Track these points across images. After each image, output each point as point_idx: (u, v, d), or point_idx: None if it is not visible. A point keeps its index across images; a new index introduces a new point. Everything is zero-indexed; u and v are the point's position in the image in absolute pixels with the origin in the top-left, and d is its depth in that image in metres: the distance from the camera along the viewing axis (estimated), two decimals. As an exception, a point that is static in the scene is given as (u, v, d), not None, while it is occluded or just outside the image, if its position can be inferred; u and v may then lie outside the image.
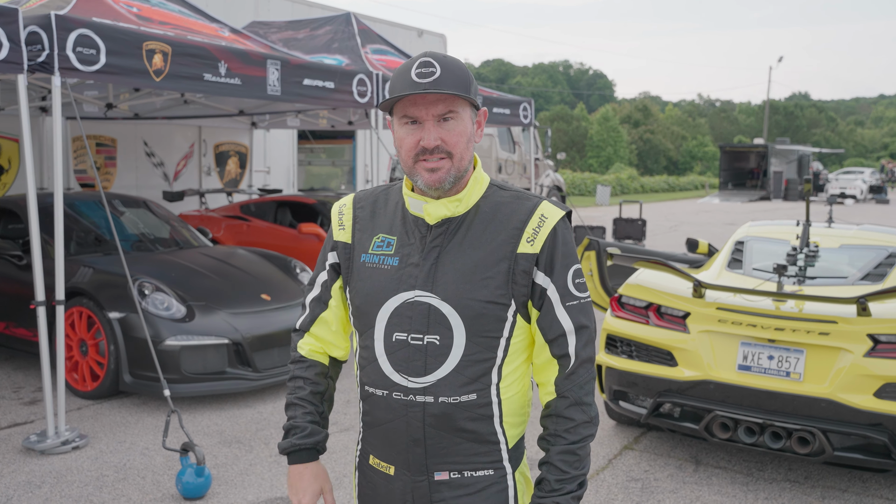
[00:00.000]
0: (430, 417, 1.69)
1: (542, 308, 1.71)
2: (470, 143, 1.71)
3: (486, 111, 1.79)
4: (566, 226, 1.73)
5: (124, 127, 10.43)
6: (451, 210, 1.71)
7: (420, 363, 1.68)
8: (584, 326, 1.71)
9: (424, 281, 1.69)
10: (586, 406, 1.70)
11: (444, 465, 1.72)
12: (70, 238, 6.18)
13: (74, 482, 4.18)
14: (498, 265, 1.68)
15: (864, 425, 3.80)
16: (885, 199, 33.87)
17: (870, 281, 4.56)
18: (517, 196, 1.75)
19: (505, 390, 1.72)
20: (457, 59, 1.70)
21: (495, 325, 1.69)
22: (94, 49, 4.63)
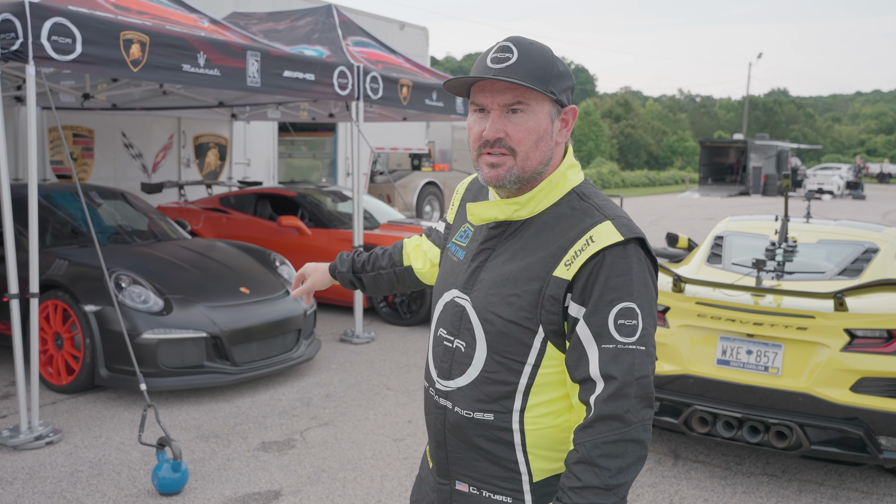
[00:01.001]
0: (449, 424, 1.63)
1: (571, 342, 1.51)
2: (542, 142, 1.54)
3: (574, 109, 1.59)
4: (624, 254, 1.49)
5: (102, 118, 10.30)
6: (507, 213, 1.59)
7: (447, 366, 1.63)
8: (612, 377, 1.45)
9: (465, 282, 1.62)
10: (600, 469, 1.44)
11: (464, 477, 1.65)
12: (45, 230, 6.09)
13: (48, 478, 4.12)
14: (529, 284, 1.53)
15: (841, 419, 3.83)
16: (861, 195, 34.25)
17: (847, 276, 4.59)
18: (586, 210, 1.55)
19: (532, 421, 1.56)
20: (545, 47, 1.55)
21: (518, 349, 1.54)
22: (69, 38, 4.55)
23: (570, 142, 1.67)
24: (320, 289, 2.14)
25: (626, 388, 1.46)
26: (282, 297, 6.06)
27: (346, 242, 7.99)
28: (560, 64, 1.56)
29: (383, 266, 2.08)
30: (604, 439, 1.45)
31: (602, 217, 1.53)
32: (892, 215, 24.57)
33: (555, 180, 1.59)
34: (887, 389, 3.79)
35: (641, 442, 1.46)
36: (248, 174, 12.36)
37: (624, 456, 1.45)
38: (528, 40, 1.54)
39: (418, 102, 7.84)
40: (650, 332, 1.50)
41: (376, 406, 5.42)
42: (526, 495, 1.60)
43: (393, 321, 7.94)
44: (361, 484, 4.16)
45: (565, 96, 1.57)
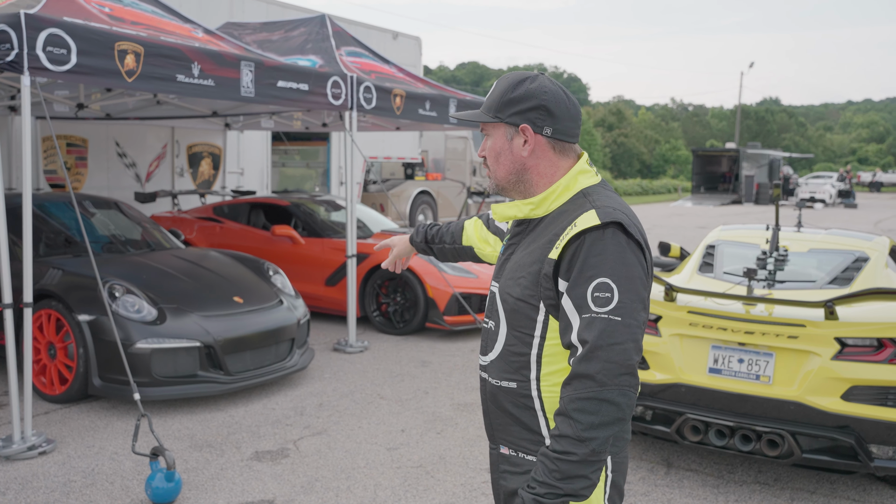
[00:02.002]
0: (487, 393, 1.93)
1: (560, 314, 1.74)
2: (502, 157, 1.88)
3: (525, 126, 1.84)
4: (602, 236, 1.70)
5: (96, 127, 10.30)
6: (524, 212, 1.88)
7: (485, 343, 1.94)
8: (585, 341, 1.67)
9: (497, 272, 1.94)
10: (574, 422, 1.65)
11: (504, 441, 1.91)
12: (39, 239, 6.09)
13: (40, 488, 4.11)
14: (531, 266, 1.80)
15: (832, 427, 3.86)
16: (853, 204, 34.42)
17: (837, 285, 4.63)
18: (582, 205, 1.80)
19: (548, 389, 1.81)
20: (512, 77, 1.86)
21: (526, 323, 1.80)
22: (64, 49, 4.57)
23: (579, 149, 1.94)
24: (405, 256, 2.56)
25: (597, 350, 1.66)
26: (275, 307, 6.07)
27: (340, 252, 8.00)
28: (517, 90, 1.84)
29: (447, 242, 2.44)
30: (578, 395, 1.66)
31: (589, 207, 1.77)
32: (883, 223, 24.70)
33: (565, 183, 1.85)
34: (878, 398, 3.82)
35: (617, 404, 1.65)
36: (242, 183, 12.37)
37: (597, 413, 1.65)
38: (506, 75, 1.88)
39: (411, 112, 7.88)
40: (629, 305, 1.68)
41: (370, 415, 5.43)
42: None
43: (386, 330, 7.95)
44: (355, 493, 4.16)
45: (519, 117, 1.84)
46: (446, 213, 17.18)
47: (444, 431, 5.14)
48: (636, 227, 1.76)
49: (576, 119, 1.87)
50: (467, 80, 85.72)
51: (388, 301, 7.99)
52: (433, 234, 2.48)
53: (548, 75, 1.90)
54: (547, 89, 1.83)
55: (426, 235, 2.49)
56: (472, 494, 4.19)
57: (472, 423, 5.31)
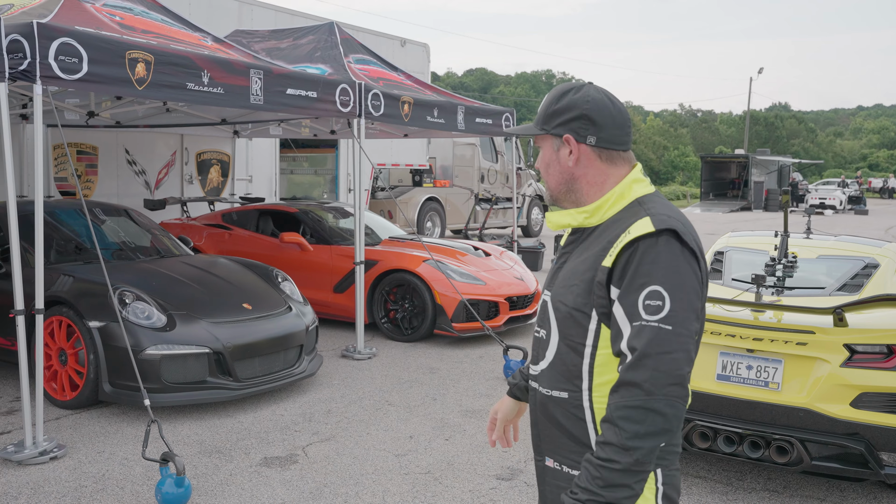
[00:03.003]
0: (538, 404, 1.90)
1: (612, 321, 1.72)
2: (551, 169, 1.90)
3: (568, 137, 1.86)
4: (655, 243, 1.69)
5: (106, 135, 10.37)
6: (579, 220, 1.87)
7: (535, 353, 1.92)
8: (634, 349, 1.64)
9: (550, 280, 1.93)
10: (618, 429, 1.62)
11: (551, 454, 1.89)
12: (50, 246, 6.14)
13: (52, 493, 4.14)
14: (585, 274, 1.78)
15: (841, 434, 3.84)
16: (864, 210, 34.26)
17: (846, 291, 4.62)
18: (634, 213, 1.78)
19: (599, 399, 1.76)
20: (558, 89, 1.88)
21: (578, 332, 1.78)
22: (76, 58, 4.61)
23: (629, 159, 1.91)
24: (512, 418, 2.24)
25: (645, 359, 1.63)
26: (283, 313, 6.09)
27: (348, 258, 8.03)
28: (561, 101, 1.87)
29: None
30: (624, 403, 1.64)
31: (644, 214, 1.75)
32: (894, 230, 24.58)
33: (619, 191, 1.85)
34: (888, 405, 3.81)
35: (663, 415, 1.62)
36: (250, 190, 12.41)
37: (643, 423, 1.62)
38: (558, 86, 1.90)
39: (419, 119, 7.90)
40: (681, 315, 1.65)
41: (378, 421, 5.44)
42: None
43: (394, 337, 7.96)
44: (363, 499, 4.17)
45: (562, 128, 1.86)
46: (454, 219, 17.20)
47: (453, 438, 5.14)
48: (691, 235, 1.74)
49: (622, 127, 1.86)
50: (475, 86, 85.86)
51: (396, 308, 8.01)
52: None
53: (595, 84, 1.89)
54: (590, 98, 1.84)
55: (523, 374, 2.23)
56: (481, 501, 4.19)
57: (480, 429, 5.31)
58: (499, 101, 71.40)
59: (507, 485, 4.41)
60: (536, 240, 16.35)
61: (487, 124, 9.17)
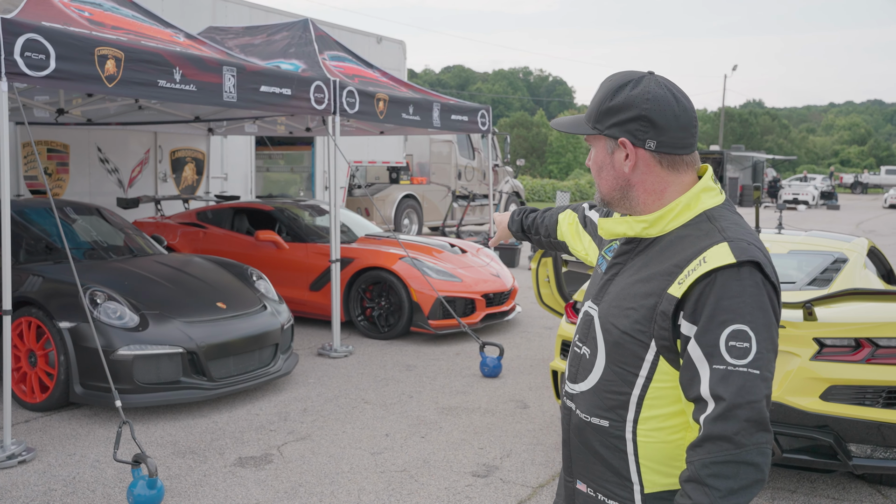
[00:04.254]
0: (572, 425, 1.75)
1: (684, 361, 1.54)
2: (603, 172, 1.69)
3: (624, 140, 1.65)
4: (737, 276, 1.50)
5: (77, 132, 10.24)
6: (637, 230, 1.67)
7: (574, 370, 1.75)
8: (721, 398, 1.46)
9: (597, 294, 1.74)
10: (709, 489, 1.45)
11: (583, 478, 1.74)
12: (19, 246, 6.05)
13: (20, 498, 4.08)
14: (647, 299, 1.59)
15: (811, 427, 3.89)
16: (835, 205, 34.72)
17: (816, 286, 4.67)
18: (709, 232, 1.59)
19: (645, 433, 1.61)
20: (611, 82, 1.66)
21: (632, 360, 1.61)
22: (43, 54, 4.54)
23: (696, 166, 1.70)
24: (505, 238, 2.54)
25: (735, 409, 1.46)
26: (258, 312, 6.05)
27: (324, 256, 7.99)
28: (617, 97, 1.64)
29: (542, 234, 2.36)
30: (713, 459, 1.46)
31: (721, 239, 1.55)
32: (865, 224, 24.94)
33: (685, 201, 1.63)
34: (856, 397, 3.86)
35: (756, 465, 1.46)
36: (226, 188, 12.32)
37: (735, 478, 1.45)
38: (608, 78, 1.68)
39: (395, 116, 7.88)
40: (766, 356, 1.49)
41: (354, 420, 5.42)
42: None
43: (371, 335, 7.94)
44: (339, 498, 4.16)
45: (618, 129, 1.64)
46: (431, 216, 17.19)
47: (429, 435, 5.14)
48: (771, 265, 1.56)
49: (687, 128, 1.63)
50: (453, 83, 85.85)
51: (372, 305, 7.99)
52: (528, 223, 2.42)
53: (657, 75, 1.67)
54: (651, 95, 1.61)
55: (522, 224, 2.44)
56: (457, 498, 4.19)
57: (456, 426, 5.32)
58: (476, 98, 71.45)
59: (482, 482, 4.42)
60: (513, 236, 16.37)
61: (463, 121, 9.17)
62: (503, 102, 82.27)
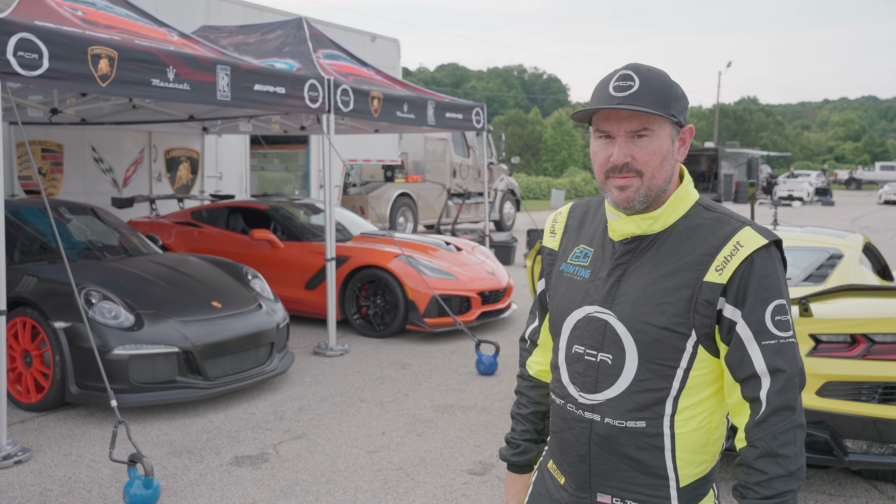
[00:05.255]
0: (595, 436, 1.67)
1: (731, 344, 1.58)
2: (666, 162, 1.62)
3: (692, 128, 1.68)
4: (769, 255, 1.58)
5: (71, 132, 10.21)
6: (643, 228, 1.66)
7: (591, 379, 1.67)
8: (780, 370, 1.55)
9: (605, 297, 1.67)
10: (782, 458, 1.53)
11: (607, 488, 1.69)
12: (13, 246, 6.03)
13: (16, 498, 4.07)
14: (680, 291, 1.59)
15: (807, 423, 3.89)
16: (830, 202, 34.83)
17: (812, 282, 4.68)
18: (719, 219, 1.64)
19: (681, 424, 1.63)
20: (662, 72, 1.63)
21: (671, 354, 1.60)
22: (36, 53, 4.52)
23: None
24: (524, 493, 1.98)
25: (793, 378, 1.56)
26: (254, 311, 6.04)
27: (319, 255, 7.98)
28: (678, 87, 1.64)
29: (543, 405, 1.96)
30: (780, 430, 1.54)
31: (740, 224, 1.62)
32: (860, 220, 25.01)
33: (681, 194, 1.67)
34: (851, 393, 3.87)
35: (804, 426, 1.57)
36: (220, 188, 12.30)
37: (796, 442, 1.55)
38: (646, 67, 1.63)
39: (389, 114, 7.87)
40: (793, 324, 1.60)
41: (350, 418, 5.42)
42: (673, 501, 1.65)
43: (367, 333, 7.94)
44: (335, 497, 4.15)
45: (683, 117, 1.65)
46: (427, 215, 17.18)
47: (425, 433, 5.14)
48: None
49: None
50: (447, 81, 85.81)
51: (368, 304, 7.98)
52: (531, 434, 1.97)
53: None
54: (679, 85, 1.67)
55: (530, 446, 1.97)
56: (453, 496, 4.19)
57: (452, 424, 5.32)
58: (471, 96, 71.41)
59: (479, 479, 4.42)
60: (509, 234, 16.40)
61: (458, 119, 9.16)
62: (498, 100, 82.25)
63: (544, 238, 1.89)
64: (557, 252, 1.83)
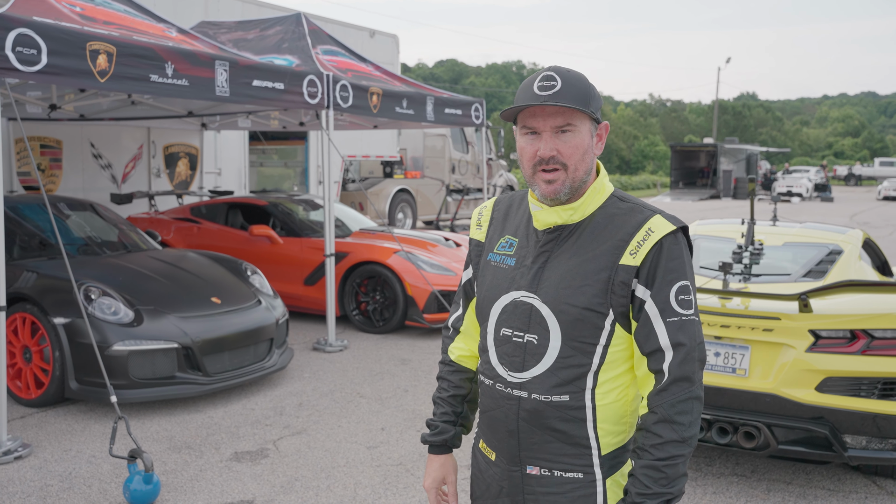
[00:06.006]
0: (523, 412, 1.79)
1: (640, 320, 1.73)
2: (586, 156, 1.76)
3: (607, 125, 1.83)
4: (676, 240, 1.74)
5: (70, 128, 10.19)
6: (564, 218, 1.79)
7: (519, 359, 1.80)
8: (681, 344, 1.70)
9: (530, 282, 1.79)
10: (677, 425, 1.68)
11: (535, 461, 1.81)
12: (13, 242, 6.02)
13: (16, 493, 4.07)
14: (598, 274, 1.73)
15: (807, 419, 3.90)
16: (829, 198, 34.80)
17: (811, 278, 4.68)
18: (632, 208, 1.79)
19: (601, 397, 1.76)
20: (580, 73, 1.77)
21: (591, 332, 1.74)
22: (34, 49, 4.51)
23: None
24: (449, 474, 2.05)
25: (692, 352, 1.71)
26: (253, 307, 6.04)
27: (318, 251, 7.98)
28: (594, 88, 1.79)
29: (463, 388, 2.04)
30: (678, 398, 1.70)
31: (651, 212, 1.77)
32: (859, 216, 25.01)
33: (598, 187, 1.81)
34: (851, 388, 3.87)
35: (701, 398, 1.73)
36: (219, 183, 12.29)
37: (692, 412, 1.71)
38: (566, 69, 1.77)
39: (388, 110, 7.86)
40: (696, 305, 1.76)
41: (349, 414, 5.42)
42: (596, 468, 1.79)
43: (366, 329, 7.94)
44: (335, 492, 4.16)
45: (599, 115, 1.80)
46: (426, 211, 17.17)
47: (424, 429, 5.14)
48: None
49: None
50: (446, 77, 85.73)
51: (367, 300, 7.98)
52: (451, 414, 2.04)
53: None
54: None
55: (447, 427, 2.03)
56: (453, 491, 4.19)
57: (452, 420, 5.31)
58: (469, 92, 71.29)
59: (479, 475, 4.42)
60: (508, 230, 16.35)
61: (457, 115, 9.15)
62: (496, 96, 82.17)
63: (471, 230, 2.00)
64: (484, 243, 1.94)
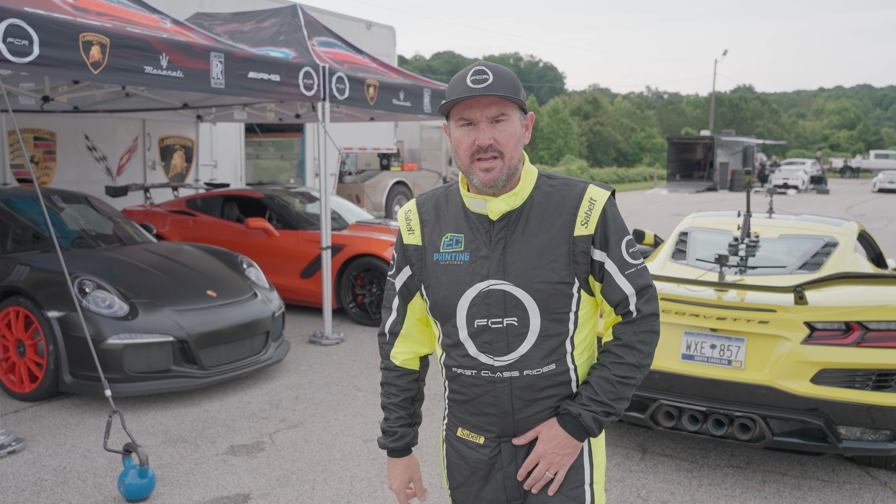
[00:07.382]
0: (517, 390, 1.91)
1: (604, 280, 1.90)
2: (519, 144, 1.88)
3: (532, 115, 1.96)
4: (612, 203, 1.92)
5: (64, 120, 10.14)
6: (510, 204, 1.89)
7: (503, 343, 1.89)
8: (645, 286, 1.91)
9: (496, 270, 1.88)
10: (637, 352, 1.89)
11: (525, 431, 1.94)
12: (6, 235, 6.00)
13: (10, 488, 4.06)
14: (559, 248, 1.87)
15: (802, 410, 3.90)
16: (825, 190, 34.82)
17: (807, 270, 4.68)
18: (565, 183, 1.93)
19: (578, 356, 1.94)
20: (507, 68, 1.88)
21: (564, 303, 1.88)
22: (26, 40, 4.48)
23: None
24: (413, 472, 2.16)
25: (654, 291, 1.93)
26: (249, 300, 6.02)
27: (315, 243, 7.96)
28: (519, 81, 1.89)
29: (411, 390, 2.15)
30: (642, 329, 1.90)
31: (583, 183, 1.93)
32: (855, 209, 25.03)
33: (528, 170, 1.94)
34: (846, 380, 3.87)
35: (659, 332, 1.95)
36: (215, 176, 12.25)
37: (652, 343, 1.92)
38: (493, 64, 1.87)
39: (385, 102, 7.83)
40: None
41: (346, 407, 5.41)
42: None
43: (362, 322, 7.93)
44: (331, 485, 4.15)
45: (526, 105, 1.92)
46: (422, 203, 17.12)
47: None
48: None
49: None
50: (443, 69, 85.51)
51: (364, 292, 7.97)
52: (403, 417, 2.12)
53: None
54: None
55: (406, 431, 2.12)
56: (448, 484, 4.19)
57: (448, 413, 5.31)
58: (466, 84, 71.07)
59: (474, 467, 4.41)
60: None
61: (453, 107, 9.09)
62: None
63: (403, 237, 2.02)
64: (423, 246, 1.98)
